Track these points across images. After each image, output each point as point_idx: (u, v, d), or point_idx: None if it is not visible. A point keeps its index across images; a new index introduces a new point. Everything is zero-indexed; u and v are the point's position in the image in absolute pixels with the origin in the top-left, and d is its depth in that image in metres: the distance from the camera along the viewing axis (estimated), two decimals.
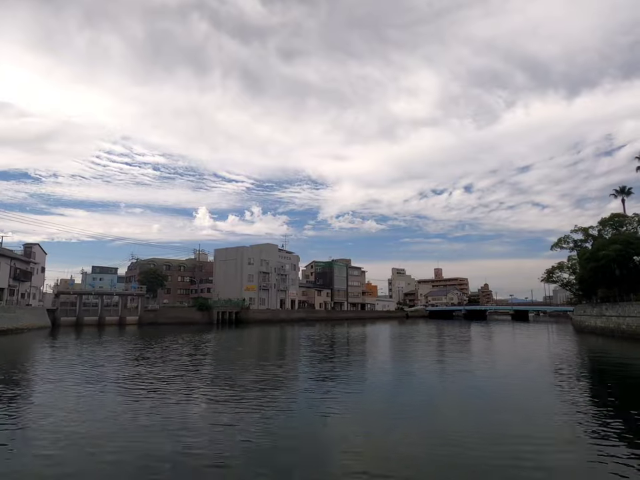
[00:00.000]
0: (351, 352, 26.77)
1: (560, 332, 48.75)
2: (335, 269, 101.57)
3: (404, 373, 17.51)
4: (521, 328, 61.87)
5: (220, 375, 16.53)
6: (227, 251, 77.18)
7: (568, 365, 19.41)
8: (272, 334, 45.52)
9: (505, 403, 11.72)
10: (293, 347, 30.84)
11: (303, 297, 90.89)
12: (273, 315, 75.20)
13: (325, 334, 43.58)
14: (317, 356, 23.34)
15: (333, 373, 16.99)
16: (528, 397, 12.42)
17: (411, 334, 44.86)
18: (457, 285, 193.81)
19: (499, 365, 19.83)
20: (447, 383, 15.12)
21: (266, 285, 78.10)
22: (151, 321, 62.09)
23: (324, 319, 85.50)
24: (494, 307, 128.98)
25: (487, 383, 14.93)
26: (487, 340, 37.36)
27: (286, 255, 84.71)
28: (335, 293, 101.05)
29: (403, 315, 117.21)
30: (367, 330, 52.26)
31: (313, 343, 32.30)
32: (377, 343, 33.81)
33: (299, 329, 55.61)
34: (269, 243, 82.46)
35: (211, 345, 30.63)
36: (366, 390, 13.51)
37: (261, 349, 28.35)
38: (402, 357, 24.45)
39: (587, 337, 37.63)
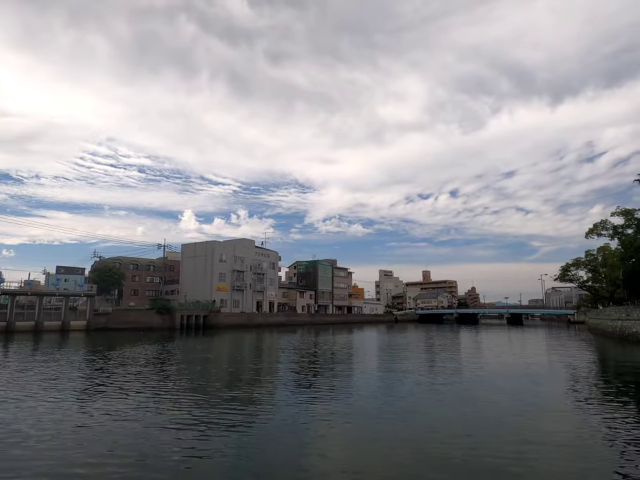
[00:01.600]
0: (336, 385, 18.42)
1: (583, 339, 41.25)
2: (319, 269, 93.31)
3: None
4: (526, 333, 54.69)
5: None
6: (195, 246, 68.26)
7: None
8: (243, 343, 37.26)
9: None
10: (266, 363, 22.43)
11: (284, 299, 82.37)
12: (247, 319, 66.55)
13: (305, 344, 35.29)
14: (293, 382, 15.14)
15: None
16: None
17: (404, 345, 36.81)
18: (446, 287, 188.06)
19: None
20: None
21: (240, 285, 69.41)
22: (102, 326, 52.95)
23: (307, 324, 77.38)
24: (488, 310, 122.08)
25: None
26: (523, 359, 29.44)
27: (264, 252, 76.13)
28: (319, 295, 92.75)
29: (391, 319, 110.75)
30: (353, 339, 44.11)
31: (290, 360, 23.93)
32: (365, 361, 25.62)
33: (277, 335, 47.99)
34: (245, 238, 73.78)
35: (156, 359, 22.13)
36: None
37: (218, 373, 19.58)
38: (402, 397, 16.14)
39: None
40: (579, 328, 70.75)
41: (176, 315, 56.12)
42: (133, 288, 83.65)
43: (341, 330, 62.62)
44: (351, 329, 64.61)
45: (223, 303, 66.11)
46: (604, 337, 40.12)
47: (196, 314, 59.90)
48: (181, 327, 56.51)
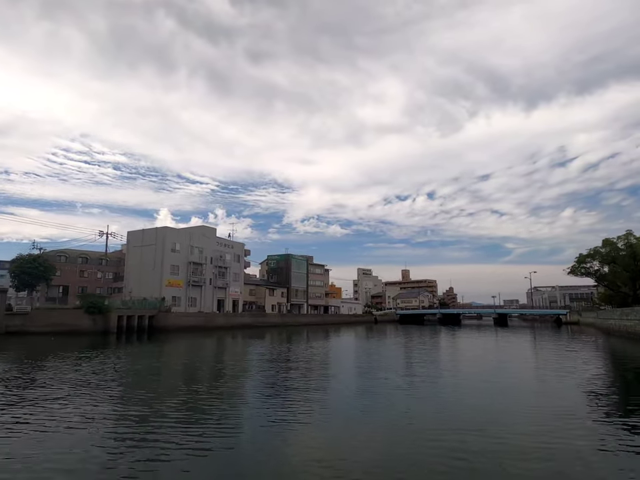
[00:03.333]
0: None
1: (602, 343, 33.04)
2: (292, 264, 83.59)
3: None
4: (522, 335, 46.73)
5: None
6: (143, 233, 57.31)
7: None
8: (192, 353, 27.78)
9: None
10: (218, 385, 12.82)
11: (251, 297, 72.30)
12: (206, 319, 56.29)
13: (271, 356, 25.69)
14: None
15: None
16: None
17: (391, 354, 27.70)
18: (427, 287, 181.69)
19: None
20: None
21: (198, 280, 59.03)
22: (17, 329, 42.08)
23: (277, 325, 67.72)
24: (475, 310, 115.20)
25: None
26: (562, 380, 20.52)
27: (228, 242, 65.82)
28: (292, 293, 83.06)
29: (371, 319, 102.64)
30: (330, 347, 34.82)
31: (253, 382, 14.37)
32: (345, 382, 16.25)
33: (242, 341, 39.31)
34: (204, 226, 63.28)
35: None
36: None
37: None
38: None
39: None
40: (572, 329, 64.43)
41: (111, 315, 45.39)
42: (81, 285, 72.77)
43: (317, 333, 53.58)
44: (328, 332, 55.57)
45: (176, 301, 55.66)
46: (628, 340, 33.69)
47: (139, 314, 49.28)
48: (119, 330, 45.89)
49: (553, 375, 16.92)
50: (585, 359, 23.25)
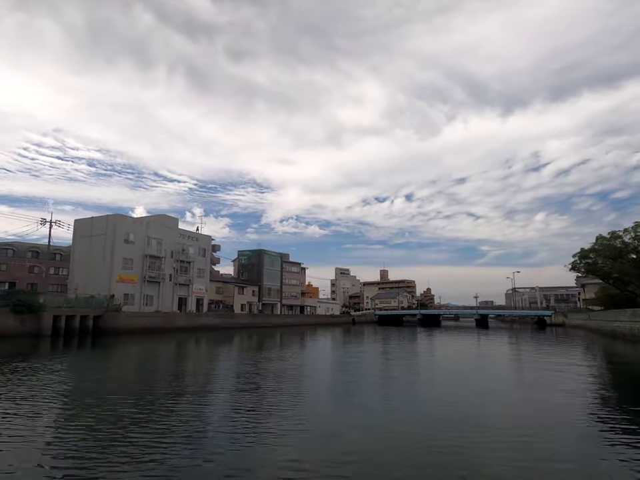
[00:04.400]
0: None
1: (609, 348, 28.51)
2: (265, 260, 77.45)
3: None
4: (509, 339, 42.31)
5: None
6: (92, 221, 50.18)
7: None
8: (142, 362, 22.50)
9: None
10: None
11: (218, 295, 65.86)
12: (164, 320, 49.73)
13: (236, 368, 19.87)
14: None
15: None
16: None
17: (370, 368, 22.33)
18: (405, 287, 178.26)
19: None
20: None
21: (155, 276, 52.34)
22: None
23: (247, 327, 61.70)
24: (456, 311, 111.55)
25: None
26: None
27: (192, 234, 59.22)
28: (265, 292, 76.94)
29: (348, 320, 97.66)
30: (303, 357, 29.29)
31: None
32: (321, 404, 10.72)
33: (205, 346, 34.23)
34: (164, 215, 56.42)
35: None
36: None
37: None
38: None
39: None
40: (557, 331, 60.99)
41: (43, 315, 38.42)
42: (31, 281, 65.02)
43: (290, 335, 48.22)
44: (302, 335, 50.12)
45: (129, 299, 48.90)
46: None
47: (82, 313, 42.42)
48: (55, 331, 39.05)
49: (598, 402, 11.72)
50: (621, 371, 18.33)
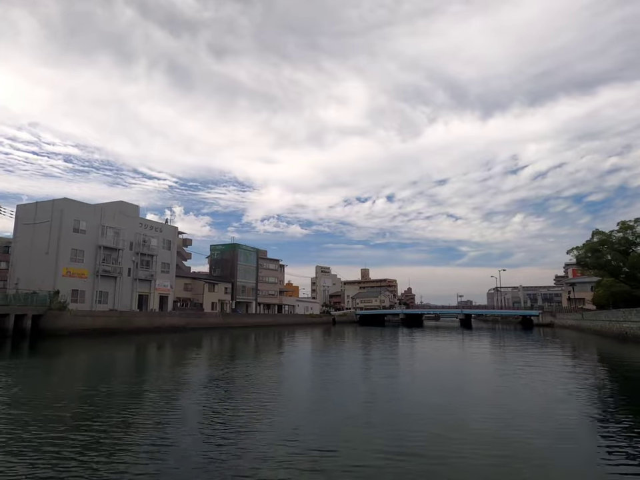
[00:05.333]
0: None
1: None
2: (239, 255, 71.99)
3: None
4: (509, 342, 38.23)
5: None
6: (37, 207, 43.91)
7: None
8: (85, 373, 17.10)
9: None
10: None
11: (186, 292, 60.15)
12: (121, 320, 43.92)
13: (199, 384, 14.54)
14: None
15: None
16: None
17: (353, 383, 17.48)
18: (387, 286, 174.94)
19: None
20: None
21: (111, 270, 46.42)
22: None
23: (218, 327, 56.35)
24: (440, 310, 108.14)
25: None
26: None
27: (155, 225, 53.33)
28: (239, 290, 71.49)
29: (329, 320, 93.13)
30: (279, 368, 24.26)
31: None
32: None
33: (170, 350, 29.64)
34: (122, 201, 50.25)
35: None
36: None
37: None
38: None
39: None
40: (544, 331, 57.63)
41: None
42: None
43: (265, 338, 43.23)
44: (279, 337, 45.16)
45: (78, 296, 42.95)
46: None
47: (19, 312, 36.39)
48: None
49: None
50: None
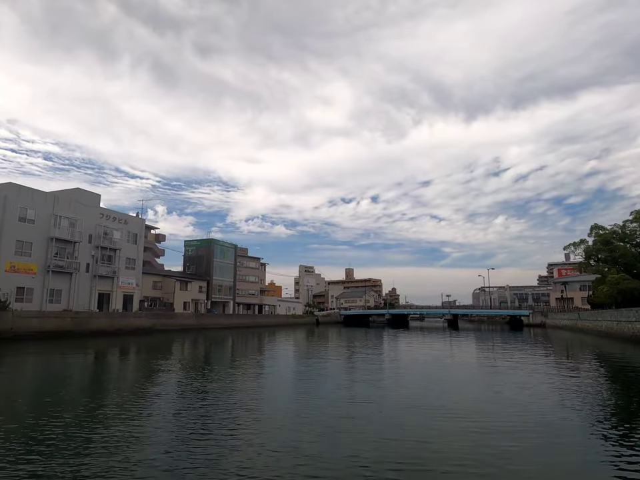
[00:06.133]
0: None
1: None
2: (215, 251, 67.22)
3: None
4: (506, 344, 34.68)
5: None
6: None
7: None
8: (24, 390, 11.41)
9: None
10: None
11: (156, 291, 55.16)
12: (76, 322, 38.93)
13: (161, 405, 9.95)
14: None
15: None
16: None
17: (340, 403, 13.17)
18: (372, 286, 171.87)
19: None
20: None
21: (65, 266, 41.29)
22: None
23: (191, 328, 51.78)
24: (427, 310, 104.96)
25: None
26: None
27: (118, 216, 48.25)
28: (215, 288, 66.71)
29: (312, 320, 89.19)
30: (255, 383, 19.83)
31: None
32: None
33: (133, 356, 25.43)
34: (80, 189, 45.12)
35: None
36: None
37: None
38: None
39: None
40: (535, 332, 54.75)
41: None
42: None
43: (243, 340, 39.32)
44: (259, 339, 41.17)
45: (25, 294, 37.78)
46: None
47: None
48: None
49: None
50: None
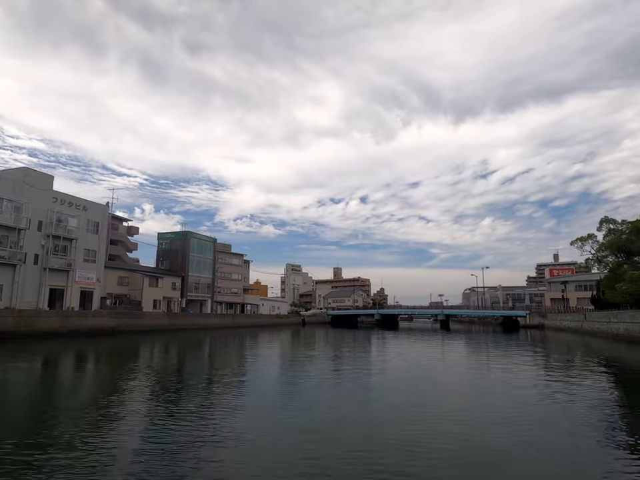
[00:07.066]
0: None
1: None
2: (192, 245, 61.66)
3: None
4: (514, 349, 30.34)
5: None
6: None
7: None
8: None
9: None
10: None
11: (122, 287, 49.47)
12: (19, 322, 33.35)
13: None
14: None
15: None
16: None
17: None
18: (360, 285, 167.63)
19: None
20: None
21: (7, 257, 35.38)
22: None
23: (161, 329, 46.49)
24: (418, 310, 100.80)
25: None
26: None
27: (75, 201, 42.33)
28: (191, 286, 61.18)
29: (298, 321, 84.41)
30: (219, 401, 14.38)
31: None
32: None
33: (91, 365, 20.83)
34: (27, 168, 39.08)
35: None
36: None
37: None
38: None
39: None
40: (532, 334, 50.80)
41: None
42: None
43: (220, 343, 35.02)
44: (238, 341, 36.83)
45: None
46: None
47: None
48: None
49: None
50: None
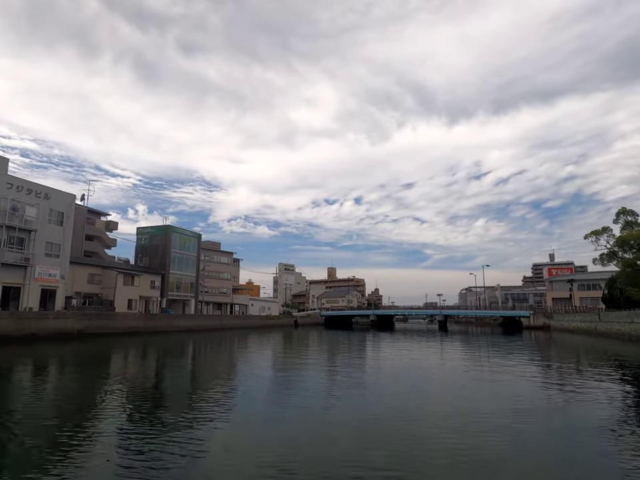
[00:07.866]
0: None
1: None
2: (173, 241, 57.07)
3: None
4: (516, 349, 26.16)
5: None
6: None
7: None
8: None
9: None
10: None
11: (93, 285, 44.81)
12: None
13: None
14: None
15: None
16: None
17: None
18: (355, 286, 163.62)
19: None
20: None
21: None
22: None
23: (136, 331, 42.06)
24: (415, 311, 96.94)
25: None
26: None
27: (35, 187, 37.56)
28: (172, 284, 56.57)
29: (290, 322, 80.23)
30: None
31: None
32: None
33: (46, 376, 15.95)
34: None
35: None
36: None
37: None
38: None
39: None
40: (537, 335, 47.53)
41: None
42: None
43: (201, 347, 31.70)
44: (221, 345, 33.29)
45: None
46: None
47: None
48: None
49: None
50: None
